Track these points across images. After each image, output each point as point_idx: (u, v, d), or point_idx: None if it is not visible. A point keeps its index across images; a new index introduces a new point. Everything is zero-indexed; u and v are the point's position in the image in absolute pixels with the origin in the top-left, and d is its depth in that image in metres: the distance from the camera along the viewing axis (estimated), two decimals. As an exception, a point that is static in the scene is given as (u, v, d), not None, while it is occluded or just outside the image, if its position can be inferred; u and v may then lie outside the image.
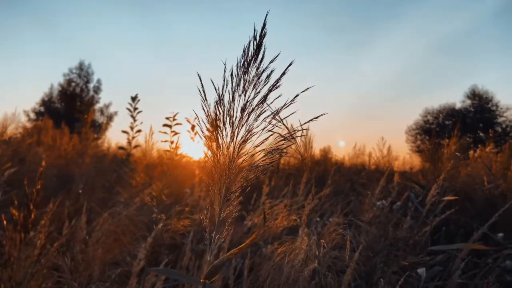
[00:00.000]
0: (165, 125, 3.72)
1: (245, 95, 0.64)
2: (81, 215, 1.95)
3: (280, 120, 0.64)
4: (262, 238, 1.91)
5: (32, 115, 24.99)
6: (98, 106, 26.96)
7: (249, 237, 1.97)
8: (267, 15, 0.60)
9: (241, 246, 0.62)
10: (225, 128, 0.64)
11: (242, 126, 0.64)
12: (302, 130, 0.66)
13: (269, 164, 0.64)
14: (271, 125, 0.63)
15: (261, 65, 0.63)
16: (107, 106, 26.70)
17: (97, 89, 27.55)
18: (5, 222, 1.33)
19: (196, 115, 0.63)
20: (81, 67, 27.28)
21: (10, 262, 1.20)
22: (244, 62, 0.63)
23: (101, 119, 26.36)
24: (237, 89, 0.63)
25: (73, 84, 26.95)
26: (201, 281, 0.61)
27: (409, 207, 2.57)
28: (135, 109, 3.98)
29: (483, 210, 2.64)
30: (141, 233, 1.66)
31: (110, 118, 26.62)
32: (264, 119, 0.63)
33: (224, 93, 0.63)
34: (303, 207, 1.74)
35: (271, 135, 0.63)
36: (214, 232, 0.63)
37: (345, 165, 5.52)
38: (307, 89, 0.60)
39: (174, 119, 3.72)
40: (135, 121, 4.00)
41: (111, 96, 27.56)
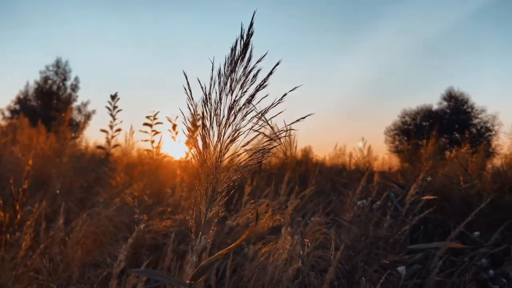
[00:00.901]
0: (146, 124, 3.67)
1: (232, 94, 0.63)
2: (59, 216, 1.91)
3: (265, 120, 0.64)
4: (245, 238, 1.90)
5: (7, 114, 24.29)
6: (75, 104, 26.39)
7: (231, 238, 1.96)
8: (254, 14, 0.60)
9: (230, 246, 0.62)
10: (212, 127, 0.63)
11: (229, 125, 0.64)
12: (288, 130, 0.65)
13: (256, 164, 0.63)
14: (257, 125, 0.63)
15: (249, 65, 0.63)
16: (85, 104, 26.17)
17: (75, 87, 26.95)
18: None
19: (182, 114, 0.62)
20: (58, 64, 26.63)
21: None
22: (231, 61, 0.62)
23: (78, 118, 25.81)
24: (224, 88, 0.63)
25: (50, 81, 26.29)
26: (187, 282, 0.60)
27: (389, 206, 2.61)
28: (115, 107, 3.91)
29: (459, 209, 2.70)
30: (122, 234, 1.63)
31: (88, 116, 26.10)
32: (251, 119, 0.63)
33: (211, 92, 0.62)
34: (286, 207, 1.75)
35: (258, 134, 0.63)
36: (199, 232, 0.62)
37: (326, 165, 5.56)
38: (295, 88, 0.60)
39: (155, 118, 3.68)
40: (114, 120, 3.93)
41: (90, 94, 27.00)
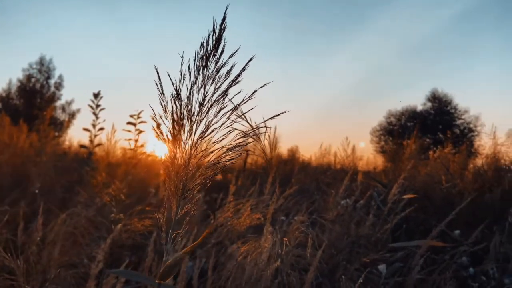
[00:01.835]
0: (129, 123, 3.63)
1: (204, 90, 0.62)
2: (38, 216, 1.87)
3: (239, 115, 0.63)
4: (227, 237, 1.89)
5: (-12, 112, 23.76)
6: (59, 103, 25.95)
7: (215, 236, 1.95)
8: (227, 8, 0.59)
9: (192, 244, 0.60)
10: (182, 123, 0.62)
11: (200, 121, 0.63)
12: (264, 127, 0.65)
13: (228, 161, 0.62)
14: (231, 121, 0.62)
15: (221, 59, 0.62)
16: (69, 103, 25.75)
17: (59, 86, 26.48)
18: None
19: (152, 110, 0.61)
20: (41, 62, 26.13)
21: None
22: (203, 55, 0.61)
23: (62, 117, 25.40)
24: (196, 83, 0.61)
25: (33, 79, 25.80)
26: (156, 282, 0.59)
27: (372, 205, 2.63)
28: (98, 106, 3.86)
29: (441, 208, 2.74)
30: (98, 234, 1.60)
31: (72, 115, 25.70)
32: (223, 115, 0.62)
33: (181, 87, 0.61)
34: (269, 206, 1.74)
35: (231, 131, 0.62)
36: (170, 231, 0.61)
37: (312, 165, 5.58)
38: (265, 85, 0.60)
39: (138, 117, 3.63)
40: (97, 118, 3.87)
41: (74, 93, 26.58)
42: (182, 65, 0.60)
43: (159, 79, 0.61)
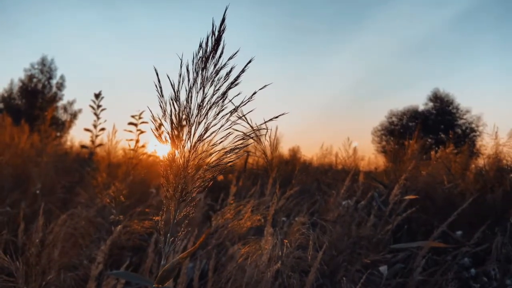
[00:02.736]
0: (131, 124, 3.62)
1: (203, 92, 0.61)
2: (38, 217, 1.86)
3: (240, 117, 0.62)
4: (228, 238, 1.89)
5: (-10, 112, 23.80)
6: (61, 103, 25.98)
7: (215, 237, 1.94)
8: (226, 10, 0.58)
9: (189, 250, 0.60)
10: (181, 125, 0.61)
11: (199, 123, 0.62)
12: (263, 129, 0.64)
13: (227, 163, 0.62)
14: (229, 123, 0.61)
15: (220, 61, 0.61)
16: (71, 103, 25.81)
17: (60, 86, 26.54)
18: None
19: (151, 112, 0.60)
20: (43, 62, 26.20)
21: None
22: (202, 57, 0.60)
23: (64, 117, 25.43)
24: (194, 85, 0.61)
25: (35, 80, 25.85)
26: (154, 286, 0.58)
27: (373, 206, 2.62)
28: (99, 106, 3.86)
29: (442, 209, 2.73)
30: (97, 235, 1.60)
31: (74, 115, 25.74)
32: (222, 117, 0.61)
33: (180, 89, 0.61)
34: (270, 207, 1.74)
35: (231, 133, 0.62)
36: (168, 234, 0.60)
37: (313, 165, 5.57)
38: (265, 86, 0.59)
39: (140, 117, 3.63)
40: (98, 119, 3.87)
41: (76, 93, 26.63)
42: (181, 67, 0.59)
43: (159, 81, 0.60)
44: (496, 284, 1.98)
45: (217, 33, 0.60)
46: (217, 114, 0.62)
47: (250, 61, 0.60)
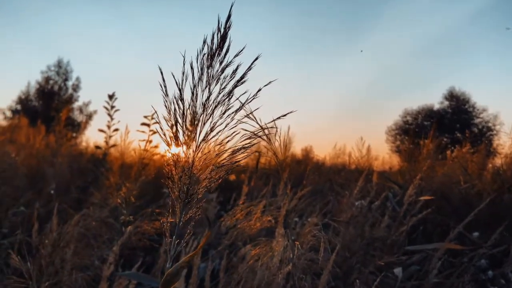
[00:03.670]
0: (143, 124, 3.64)
1: (209, 90, 0.60)
2: (52, 217, 1.88)
3: (247, 115, 0.61)
4: (239, 238, 1.88)
5: (8, 113, 24.27)
6: (77, 104, 26.37)
7: (227, 238, 1.93)
8: (232, 6, 0.57)
9: (190, 254, 0.58)
10: (185, 125, 0.60)
11: (204, 123, 0.61)
12: (272, 128, 0.62)
13: (234, 163, 0.60)
14: (235, 122, 0.60)
15: (226, 59, 0.59)
16: (87, 104, 26.16)
17: (76, 87, 26.95)
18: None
19: (155, 112, 0.59)
20: (59, 64, 26.62)
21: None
22: (208, 55, 0.59)
23: (80, 118, 25.80)
24: (200, 83, 0.59)
25: (51, 82, 26.29)
26: (159, 289, 0.57)
27: (387, 206, 2.58)
28: (112, 107, 3.90)
29: (459, 209, 2.67)
30: (108, 236, 1.60)
31: (89, 116, 26.08)
32: (228, 116, 0.60)
33: (184, 87, 0.59)
34: (281, 208, 1.72)
35: (237, 133, 0.60)
36: (174, 236, 0.59)
37: (326, 165, 5.52)
38: (270, 83, 0.57)
39: (152, 118, 3.65)
40: (112, 119, 3.91)
41: (91, 94, 26.99)
42: (184, 65, 0.58)
43: (163, 80, 0.59)
44: (514, 286, 1.93)
45: (223, 30, 0.58)
46: (223, 113, 0.60)
47: (256, 58, 0.58)
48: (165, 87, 0.60)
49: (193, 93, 0.59)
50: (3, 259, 1.65)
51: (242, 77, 0.60)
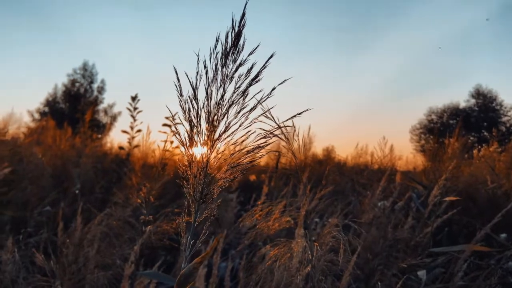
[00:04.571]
0: (165, 125, 3.69)
1: (223, 89, 0.59)
2: (77, 216, 1.92)
3: (264, 113, 0.60)
4: (258, 239, 1.87)
5: (36, 115, 25.05)
6: (102, 106, 26.98)
7: (246, 238, 1.93)
8: (246, 4, 0.56)
9: (203, 255, 0.58)
10: (200, 124, 0.60)
11: (219, 122, 0.60)
12: (288, 127, 0.61)
13: (249, 163, 0.60)
14: (249, 121, 0.59)
15: (240, 57, 0.59)
16: (111, 106, 26.74)
17: (101, 89, 27.58)
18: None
19: (170, 112, 0.59)
20: (85, 67, 27.31)
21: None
22: (222, 54, 0.59)
23: (105, 119, 26.37)
24: (214, 82, 0.59)
25: (77, 84, 27.00)
26: (174, 290, 0.57)
27: (411, 207, 2.53)
28: (135, 108, 3.96)
29: (486, 210, 2.59)
30: (128, 236, 1.62)
31: (114, 118, 26.64)
32: (243, 115, 0.59)
33: (198, 87, 0.59)
34: (301, 208, 1.70)
35: (253, 132, 0.59)
36: (188, 237, 0.59)
37: (348, 165, 5.46)
38: (284, 81, 0.56)
39: (173, 118, 3.69)
40: (135, 120, 3.97)
41: (115, 96, 27.58)
42: (198, 64, 0.57)
43: (178, 79, 0.59)
44: (545, 290, 1.85)
45: (237, 28, 0.58)
46: (238, 112, 0.60)
47: (271, 56, 0.57)
48: (180, 87, 0.60)
49: (207, 92, 0.59)
50: (29, 257, 1.69)
51: (256, 76, 0.59)
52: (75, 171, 3.30)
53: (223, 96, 0.59)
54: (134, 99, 3.98)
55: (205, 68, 0.58)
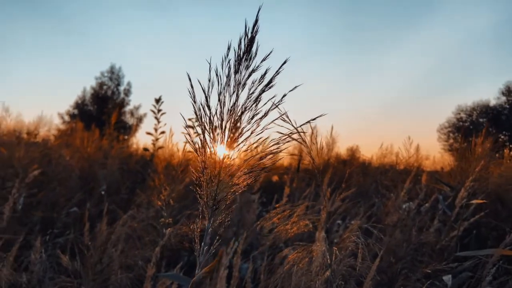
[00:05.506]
0: (188, 127, 3.72)
1: (237, 95, 0.59)
2: (103, 217, 1.96)
3: (279, 116, 0.60)
4: (279, 241, 1.86)
5: (66, 118, 25.83)
6: (128, 108, 27.57)
7: (266, 240, 1.93)
8: (259, 10, 0.56)
9: (210, 265, 0.58)
10: (213, 130, 0.60)
11: (232, 128, 0.60)
12: (302, 132, 0.61)
13: (262, 169, 0.59)
14: (262, 128, 0.59)
15: (253, 64, 0.59)
16: (137, 108, 27.28)
17: (128, 92, 28.19)
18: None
19: (183, 118, 0.60)
20: (112, 70, 28.00)
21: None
22: (235, 60, 0.59)
23: (131, 121, 26.93)
24: (227, 89, 0.59)
25: (105, 87, 27.69)
26: (187, 296, 0.57)
27: (438, 210, 2.46)
28: (159, 110, 4.03)
29: (516, 213, 2.50)
30: (149, 238, 1.64)
31: (139, 119, 27.16)
32: (256, 121, 0.59)
33: (211, 93, 0.59)
34: (321, 210, 1.68)
35: (266, 138, 0.59)
36: (202, 243, 0.59)
37: (373, 165, 5.37)
38: (295, 87, 0.56)
39: (196, 120, 3.72)
40: (159, 122, 4.04)
41: (141, 98, 28.15)
42: (210, 72, 0.58)
43: (191, 86, 0.59)
44: None
45: (250, 35, 0.57)
46: (251, 118, 0.60)
47: (285, 62, 0.57)
48: (193, 93, 0.60)
49: (219, 99, 0.59)
50: (56, 257, 1.75)
51: (269, 82, 0.59)
52: (101, 172, 3.37)
53: (235, 102, 0.59)
54: (158, 101, 4.05)
55: (217, 76, 0.58)
